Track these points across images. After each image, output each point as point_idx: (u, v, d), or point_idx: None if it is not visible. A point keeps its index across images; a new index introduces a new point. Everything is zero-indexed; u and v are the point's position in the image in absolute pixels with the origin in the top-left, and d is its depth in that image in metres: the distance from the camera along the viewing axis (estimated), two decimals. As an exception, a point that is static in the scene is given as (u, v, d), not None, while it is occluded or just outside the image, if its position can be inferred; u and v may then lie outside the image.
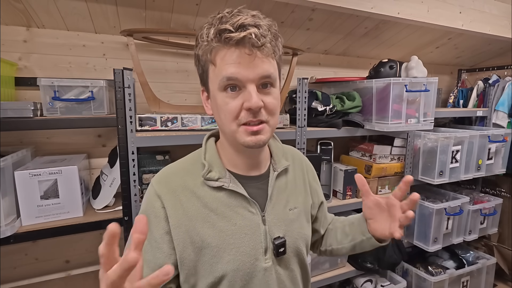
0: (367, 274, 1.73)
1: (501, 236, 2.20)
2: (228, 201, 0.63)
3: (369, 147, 1.72)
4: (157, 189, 0.63)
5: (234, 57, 0.54)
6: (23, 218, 1.09)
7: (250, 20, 0.53)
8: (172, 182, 0.63)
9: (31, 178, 1.07)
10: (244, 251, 0.61)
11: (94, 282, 1.40)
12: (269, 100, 0.57)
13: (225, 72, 0.54)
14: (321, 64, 1.97)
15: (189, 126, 1.21)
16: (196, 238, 0.60)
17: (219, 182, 0.62)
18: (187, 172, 0.65)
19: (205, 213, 0.61)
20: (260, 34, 0.53)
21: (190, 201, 0.62)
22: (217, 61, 0.56)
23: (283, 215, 0.67)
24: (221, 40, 0.53)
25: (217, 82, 0.56)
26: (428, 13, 1.58)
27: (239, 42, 0.52)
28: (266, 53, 0.55)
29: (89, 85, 1.20)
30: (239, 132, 0.57)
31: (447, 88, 2.54)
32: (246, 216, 0.63)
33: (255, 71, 0.54)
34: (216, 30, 0.53)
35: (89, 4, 1.21)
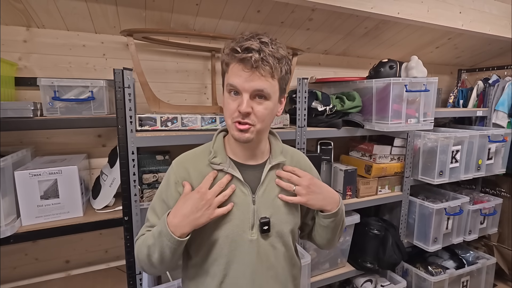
0: (367, 274, 1.73)
1: (501, 236, 2.20)
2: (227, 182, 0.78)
3: (369, 147, 1.72)
4: (175, 167, 0.81)
5: (237, 71, 0.70)
6: (23, 218, 1.09)
7: (255, 45, 0.68)
8: (187, 163, 0.81)
9: (31, 178, 1.07)
10: (235, 222, 0.76)
11: (93, 282, 1.40)
12: (258, 109, 0.72)
13: (230, 80, 0.71)
14: (321, 64, 1.97)
15: (189, 126, 1.21)
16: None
17: (220, 166, 0.78)
18: (199, 157, 0.82)
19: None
20: (260, 58, 0.68)
21: (198, 178, 0.78)
22: (229, 69, 0.73)
23: (272, 200, 0.80)
24: (231, 55, 0.70)
25: (226, 85, 0.74)
26: (428, 13, 1.58)
27: (242, 60, 0.69)
28: (264, 73, 0.70)
29: (89, 85, 1.20)
30: (232, 126, 0.74)
31: (447, 88, 2.54)
32: (240, 195, 0.78)
33: (250, 84, 0.70)
34: (230, 48, 0.70)
35: (89, 4, 1.21)
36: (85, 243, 1.49)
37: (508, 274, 2.17)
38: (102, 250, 1.54)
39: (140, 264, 0.78)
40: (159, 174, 1.24)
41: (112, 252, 1.55)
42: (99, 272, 1.49)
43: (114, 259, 1.56)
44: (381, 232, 1.64)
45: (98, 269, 1.52)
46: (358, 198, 1.64)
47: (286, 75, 0.76)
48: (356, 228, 1.62)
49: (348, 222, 1.56)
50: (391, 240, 1.63)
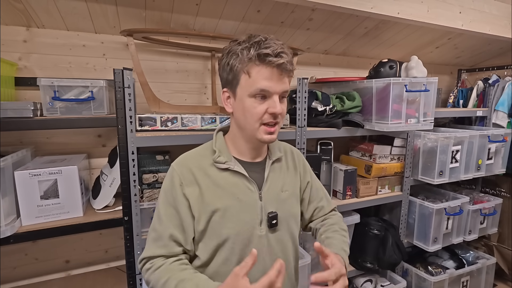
0: (367, 274, 1.73)
1: (501, 236, 2.20)
2: (232, 180, 0.79)
3: (369, 147, 1.72)
4: (177, 169, 0.78)
5: (268, 74, 0.72)
6: (23, 218, 1.09)
7: (281, 49, 0.71)
8: (189, 163, 0.80)
9: (31, 178, 1.07)
10: (244, 220, 0.77)
11: (93, 282, 1.40)
12: (283, 108, 0.76)
13: (259, 84, 0.72)
14: (321, 64, 1.97)
15: (189, 126, 1.21)
16: (207, 207, 0.76)
17: (226, 165, 0.79)
18: (201, 156, 0.82)
19: (213, 188, 0.77)
20: (288, 61, 0.72)
21: (203, 178, 0.78)
22: (252, 74, 0.72)
23: (276, 195, 0.83)
24: (263, 60, 0.71)
25: (249, 90, 0.73)
26: (428, 13, 1.58)
27: (279, 66, 0.71)
28: (289, 74, 0.75)
29: (89, 85, 1.20)
30: (260, 130, 0.75)
31: (447, 88, 2.54)
32: (247, 192, 0.79)
33: (281, 86, 0.74)
34: (259, 52, 0.70)
35: (89, 4, 1.21)
36: (85, 243, 1.49)
37: (508, 274, 2.17)
38: (102, 250, 1.54)
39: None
40: (159, 174, 1.24)
41: (112, 252, 1.55)
42: (99, 272, 1.50)
43: (114, 259, 1.56)
44: (381, 232, 1.64)
45: (98, 269, 1.52)
46: (358, 198, 1.64)
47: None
48: (356, 228, 1.62)
49: (348, 222, 1.56)
50: (391, 240, 1.63)
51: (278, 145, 0.93)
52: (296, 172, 0.92)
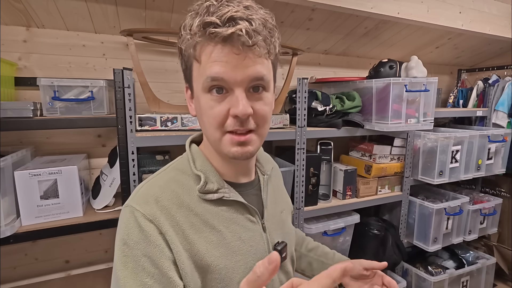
0: (367, 274, 1.73)
1: (500, 236, 2.20)
2: (228, 214, 0.56)
3: (369, 147, 1.72)
4: (144, 211, 0.50)
5: (221, 55, 0.46)
6: (23, 218, 1.09)
7: (241, 12, 0.45)
8: (163, 199, 0.52)
9: (31, 178, 1.07)
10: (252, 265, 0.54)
11: (93, 282, 1.40)
12: (259, 106, 0.50)
13: (209, 71, 0.47)
14: (321, 64, 1.97)
15: (189, 126, 1.21)
16: (201, 263, 0.52)
17: (219, 194, 0.55)
18: (180, 185, 0.54)
19: (206, 232, 0.53)
20: (253, 30, 0.45)
21: (188, 220, 0.52)
22: (202, 58, 0.48)
23: (277, 219, 0.65)
24: (205, 34, 0.45)
25: (201, 81, 0.49)
26: (428, 13, 1.58)
27: (227, 39, 0.45)
28: (259, 53, 0.48)
29: (89, 85, 1.20)
30: (224, 141, 0.51)
31: (447, 88, 2.54)
32: (249, 227, 0.58)
33: (245, 72, 0.47)
34: (201, 22, 0.45)
35: (89, 4, 1.21)
36: (85, 243, 1.49)
37: (508, 274, 2.17)
38: (102, 250, 1.54)
39: None
40: (159, 174, 1.24)
41: (112, 252, 1.55)
42: (99, 272, 1.49)
43: (114, 259, 1.56)
44: (381, 232, 1.64)
45: (98, 269, 1.52)
46: (358, 198, 1.64)
47: (279, 53, 0.56)
48: (356, 228, 1.62)
49: (348, 222, 1.56)
50: (391, 240, 1.63)
51: (264, 155, 0.73)
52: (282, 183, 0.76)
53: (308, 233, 1.46)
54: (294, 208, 1.44)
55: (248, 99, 0.49)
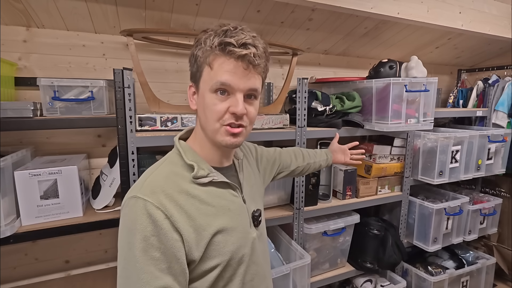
0: (366, 274, 1.73)
1: (500, 236, 2.20)
2: (218, 192, 0.70)
3: (369, 147, 1.72)
4: (152, 200, 0.60)
5: (231, 67, 0.62)
6: (23, 218, 1.09)
7: (251, 40, 0.63)
8: (167, 188, 0.63)
9: (31, 178, 1.07)
10: (241, 229, 0.71)
11: (93, 282, 1.40)
12: (251, 109, 0.67)
13: (220, 77, 0.63)
14: (321, 64, 1.97)
15: (189, 126, 1.20)
16: (204, 233, 0.64)
17: (209, 177, 0.68)
18: (177, 175, 0.67)
19: (204, 209, 0.66)
20: (258, 54, 0.63)
21: (188, 201, 0.64)
22: (215, 66, 0.63)
23: (251, 192, 0.81)
24: (224, 50, 0.62)
25: (210, 83, 0.64)
26: (428, 13, 1.58)
27: (240, 57, 0.62)
28: (258, 71, 0.66)
29: (89, 85, 1.20)
30: (220, 131, 0.66)
31: (446, 88, 2.55)
32: (234, 200, 0.72)
33: (246, 83, 0.64)
34: (221, 41, 0.62)
35: (89, 4, 1.21)
36: (85, 243, 1.49)
37: (508, 274, 2.17)
38: (102, 250, 1.54)
39: None
40: (159, 174, 1.24)
41: (112, 252, 1.55)
42: (99, 272, 1.49)
43: (114, 259, 1.56)
44: (381, 232, 1.64)
45: (98, 269, 1.52)
46: (358, 198, 1.64)
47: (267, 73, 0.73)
48: (356, 228, 1.62)
49: (348, 222, 1.56)
50: (391, 240, 1.63)
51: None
52: (251, 163, 0.90)
53: (308, 233, 1.46)
54: (294, 208, 1.44)
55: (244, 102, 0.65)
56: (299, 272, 1.30)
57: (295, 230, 1.45)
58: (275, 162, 1.05)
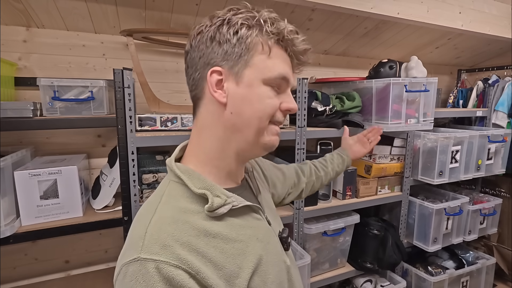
0: (366, 274, 1.73)
1: (500, 236, 2.20)
2: (240, 221, 0.55)
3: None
4: (167, 258, 0.43)
5: (287, 60, 0.56)
6: (23, 218, 1.09)
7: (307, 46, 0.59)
8: (181, 235, 0.46)
9: (30, 178, 1.07)
10: (275, 260, 0.57)
11: (93, 282, 1.40)
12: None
13: (282, 69, 0.54)
14: (321, 64, 1.97)
15: (189, 126, 1.21)
16: (238, 281, 0.49)
17: (227, 205, 0.52)
18: (186, 213, 0.50)
19: (231, 249, 0.50)
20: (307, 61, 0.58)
21: (211, 245, 0.48)
22: (273, 54, 0.53)
23: (271, 209, 0.69)
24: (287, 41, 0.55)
25: (266, 73, 0.53)
26: (428, 13, 1.58)
27: (300, 52, 0.57)
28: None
29: (89, 85, 1.20)
30: (269, 130, 0.56)
31: (446, 89, 2.55)
32: (259, 225, 0.58)
33: (295, 82, 0.59)
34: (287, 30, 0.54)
35: (89, 4, 1.21)
36: (85, 243, 1.49)
37: (508, 274, 2.17)
38: (102, 250, 1.54)
39: None
40: (159, 174, 1.24)
41: (112, 252, 1.55)
42: (99, 272, 1.50)
43: (114, 259, 1.56)
44: (381, 232, 1.64)
45: (98, 269, 1.52)
46: (358, 198, 1.64)
47: None
48: (356, 228, 1.62)
49: (348, 222, 1.56)
50: (391, 240, 1.63)
51: None
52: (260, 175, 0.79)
53: (308, 233, 1.46)
54: (294, 208, 1.44)
55: None
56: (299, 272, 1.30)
57: (295, 230, 1.45)
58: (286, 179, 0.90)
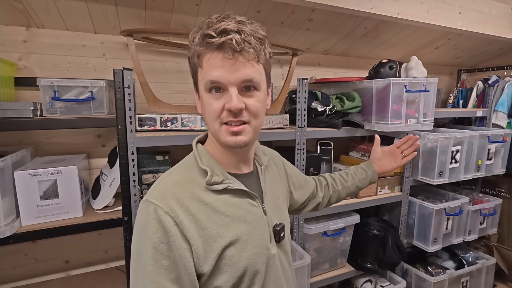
0: (366, 275, 1.73)
1: (500, 236, 2.20)
2: (233, 200, 0.65)
3: (369, 147, 1.72)
4: (163, 205, 0.58)
5: (217, 61, 0.57)
6: (23, 218, 1.09)
7: (233, 26, 0.56)
8: (178, 193, 0.60)
9: (30, 178, 1.07)
10: (257, 243, 0.64)
11: (93, 282, 1.40)
12: (251, 102, 0.60)
13: (209, 75, 0.58)
14: (321, 65, 1.97)
15: (189, 126, 1.21)
16: (214, 244, 0.60)
17: (224, 184, 0.63)
18: (189, 181, 0.64)
19: (216, 218, 0.62)
20: (242, 39, 0.56)
21: (200, 209, 0.61)
22: (203, 64, 0.59)
23: (275, 204, 0.75)
24: (203, 44, 0.57)
25: (203, 83, 0.60)
26: (428, 13, 1.58)
27: (220, 46, 0.56)
28: (249, 58, 0.57)
29: (89, 85, 1.20)
30: (221, 131, 0.61)
31: (446, 89, 2.55)
32: (252, 210, 0.66)
33: (236, 75, 0.57)
34: (201, 34, 0.57)
35: (89, 4, 1.21)
36: (85, 243, 1.49)
37: (508, 274, 2.17)
38: (102, 250, 1.54)
39: None
40: (158, 174, 1.24)
41: (112, 252, 1.55)
42: (99, 272, 1.49)
43: (114, 259, 1.56)
44: (381, 232, 1.64)
45: (98, 269, 1.52)
46: (358, 198, 1.64)
47: (270, 58, 0.65)
48: (356, 228, 1.62)
49: (348, 222, 1.56)
50: (391, 240, 1.63)
51: (262, 149, 0.82)
52: (280, 174, 0.85)
53: (308, 233, 1.46)
54: (294, 208, 1.44)
55: (242, 96, 0.59)
56: (299, 272, 1.30)
57: (295, 230, 1.45)
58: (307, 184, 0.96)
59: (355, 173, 1.06)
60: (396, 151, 1.07)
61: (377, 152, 1.08)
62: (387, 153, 1.08)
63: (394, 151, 1.08)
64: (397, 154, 1.07)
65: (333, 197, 1.02)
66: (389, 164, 1.07)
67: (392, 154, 1.08)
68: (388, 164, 1.07)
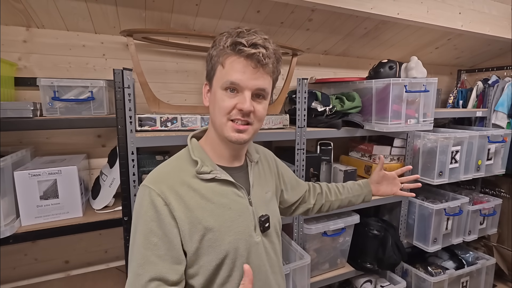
0: (366, 275, 1.73)
1: (500, 236, 2.20)
2: (220, 189, 0.73)
3: (369, 147, 1.72)
4: (155, 188, 0.67)
5: (240, 67, 0.66)
6: (23, 218, 1.09)
7: (261, 41, 0.66)
8: (169, 179, 0.70)
9: (30, 178, 1.07)
10: (240, 230, 0.72)
11: (93, 282, 1.40)
12: (258, 108, 0.70)
13: (230, 76, 0.67)
14: (321, 65, 1.97)
15: (189, 126, 1.21)
16: (199, 226, 0.68)
17: (212, 174, 0.72)
18: (181, 169, 0.73)
19: (203, 203, 0.70)
20: (266, 55, 0.66)
21: (189, 194, 0.69)
22: (226, 65, 0.68)
23: (262, 197, 0.81)
24: (234, 49, 0.66)
25: (221, 81, 0.68)
26: (428, 13, 1.58)
27: (249, 56, 0.66)
28: (267, 71, 0.69)
29: (89, 85, 1.20)
30: (227, 126, 0.70)
31: (446, 89, 2.55)
32: (237, 200, 0.74)
33: (254, 82, 0.68)
34: (233, 41, 0.66)
35: (89, 4, 1.21)
36: (85, 243, 1.49)
37: (508, 274, 2.17)
38: (102, 250, 1.54)
39: None
40: (158, 174, 1.24)
41: (112, 252, 1.55)
42: (98, 272, 1.49)
43: (114, 259, 1.56)
44: (381, 233, 1.64)
45: (98, 269, 1.52)
46: (358, 198, 1.64)
47: (279, 75, 0.77)
48: (355, 228, 1.62)
49: (348, 223, 1.56)
50: (391, 240, 1.63)
51: (255, 147, 0.91)
52: (271, 171, 0.91)
53: (307, 233, 1.46)
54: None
55: (252, 101, 0.69)
56: (299, 272, 1.30)
57: (295, 230, 1.45)
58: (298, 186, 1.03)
59: (351, 188, 1.10)
60: (396, 180, 1.09)
61: (378, 175, 1.09)
62: (388, 178, 1.09)
63: (394, 179, 1.09)
64: (397, 182, 1.09)
65: (324, 206, 1.08)
66: (386, 189, 1.09)
67: (393, 181, 1.09)
68: (385, 189, 1.09)
